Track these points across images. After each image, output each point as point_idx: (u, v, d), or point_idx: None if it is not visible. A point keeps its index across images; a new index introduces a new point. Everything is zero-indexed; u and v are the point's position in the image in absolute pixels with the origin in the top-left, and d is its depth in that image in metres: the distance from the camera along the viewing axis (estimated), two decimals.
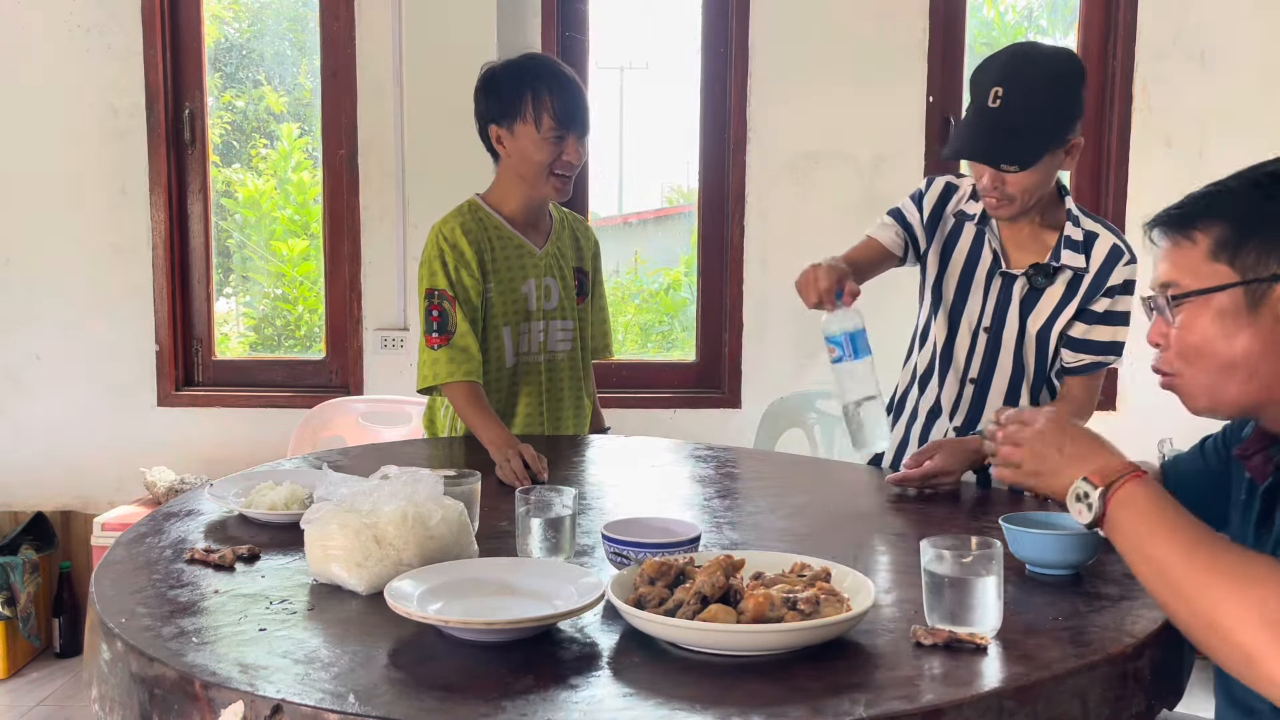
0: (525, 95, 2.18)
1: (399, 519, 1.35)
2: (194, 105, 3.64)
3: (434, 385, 2.20)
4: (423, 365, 2.20)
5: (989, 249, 2.09)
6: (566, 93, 2.19)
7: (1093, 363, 2.07)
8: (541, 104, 2.17)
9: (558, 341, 2.36)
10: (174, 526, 1.64)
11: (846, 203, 3.65)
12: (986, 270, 2.10)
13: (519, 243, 2.30)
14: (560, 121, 2.18)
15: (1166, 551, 1.13)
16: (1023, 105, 1.88)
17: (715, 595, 1.18)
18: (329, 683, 1.08)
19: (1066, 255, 2.02)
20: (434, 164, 3.54)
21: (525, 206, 2.30)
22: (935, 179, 2.19)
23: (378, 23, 3.52)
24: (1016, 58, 1.93)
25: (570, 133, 2.19)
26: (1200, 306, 1.26)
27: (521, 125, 2.19)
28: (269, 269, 3.99)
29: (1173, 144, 3.65)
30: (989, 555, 1.21)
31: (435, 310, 2.19)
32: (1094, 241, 2.03)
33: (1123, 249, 2.03)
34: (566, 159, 2.21)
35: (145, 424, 3.62)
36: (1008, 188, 1.95)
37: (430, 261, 2.22)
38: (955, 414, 2.15)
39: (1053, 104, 1.91)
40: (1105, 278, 2.02)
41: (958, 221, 2.14)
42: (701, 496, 1.97)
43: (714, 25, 3.72)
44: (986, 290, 2.10)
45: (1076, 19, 3.73)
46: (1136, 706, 1.17)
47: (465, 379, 2.16)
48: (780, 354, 3.70)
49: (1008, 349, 2.09)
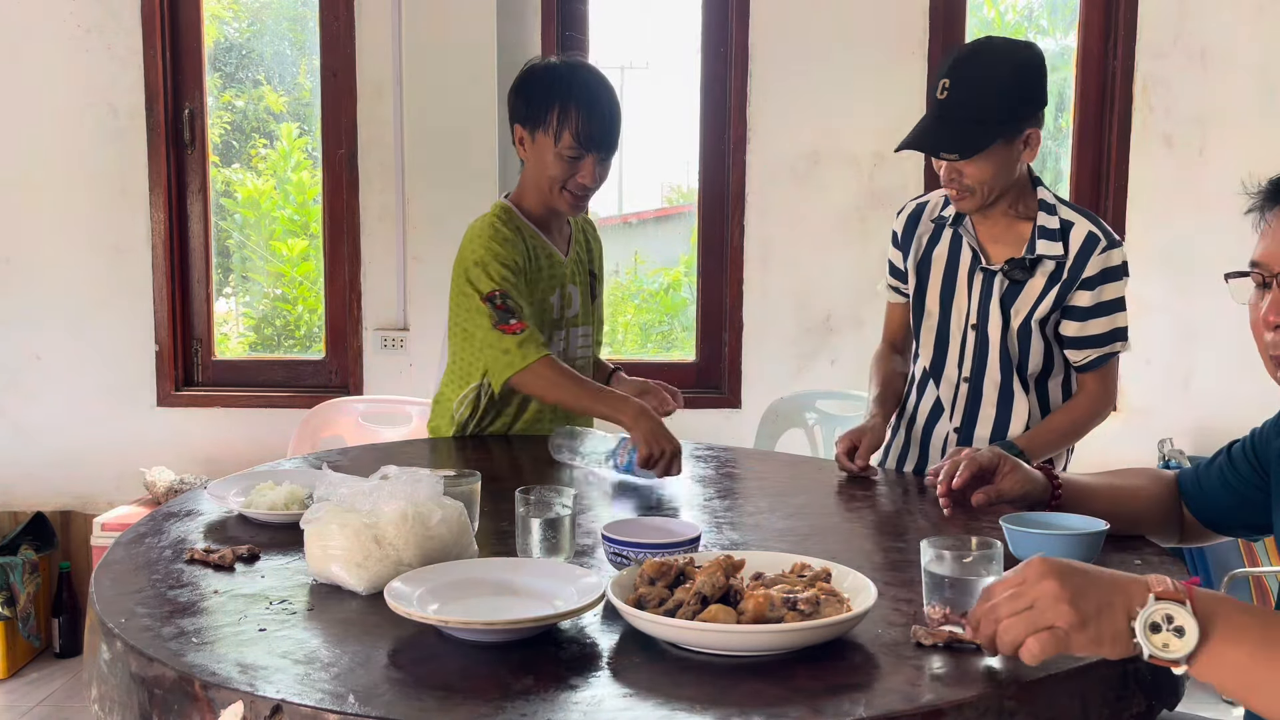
0: (553, 105, 2.09)
1: (399, 519, 1.35)
2: (194, 105, 3.64)
3: (525, 366, 2.07)
4: (505, 353, 2.08)
5: (967, 247, 2.11)
6: (594, 112, 2.09)
7: (1100, 355, 2.08)
8: (566, 119, 2.08)
9: (579, 349, 2.33)
10: (174, 526, 1.64)
11: (846, 202, 3.66)
12: (968, 269, 2.12)
13: (549, 251, 2.24)
14: (581, 141, 2.09)
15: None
16: (966, 96, 1.93)
17: (715, 595, 1.18)
18: (329, 683, 1.07)
19: (1042, 245, 2.03)
20: (434, 164, 3.54)
21: (547, 212, 2.24)
22: (903, 209, 2.26)
23: (378, 23, 3.52)
24: (968, 51, 1.99)
25: (590, 153, 2.11)
26: None
27: (543, 135, 2.11)
28: (269, 269, 3.99)
29: (1173, 144, 3.65)
30: (989, 555, 1.21)
31: (501, 303, 2.09)
32: (1070, 230, 2.04)
33: (1099, 236, 2.03)
34: (580, 180, 2.13)
35: (145, 424, 3.62)
36: (964, 179, 1.99)
37: (485, 265, 2.11)
38: (954, 414, 2.16)
39: (1000, 93, 1.93)
40: (1082, 267, 2.02)
41: (936, 227, 2.17)
42: (701, 496, 1.97)
43: (714, 25, 3.72)
44: (970, 288, 2.12)
45: (1076, 19, 3.73)
46: (1136, 706, 1.17)
47: (549, 351, 2.10)
48: (780, 354, 3.70)
49: (994, 345, 2.10)
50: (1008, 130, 1.95)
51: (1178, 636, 0.96)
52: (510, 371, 2.09)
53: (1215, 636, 0.96)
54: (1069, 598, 0.99)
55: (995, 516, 1.53)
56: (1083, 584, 1.00)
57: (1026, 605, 1.00)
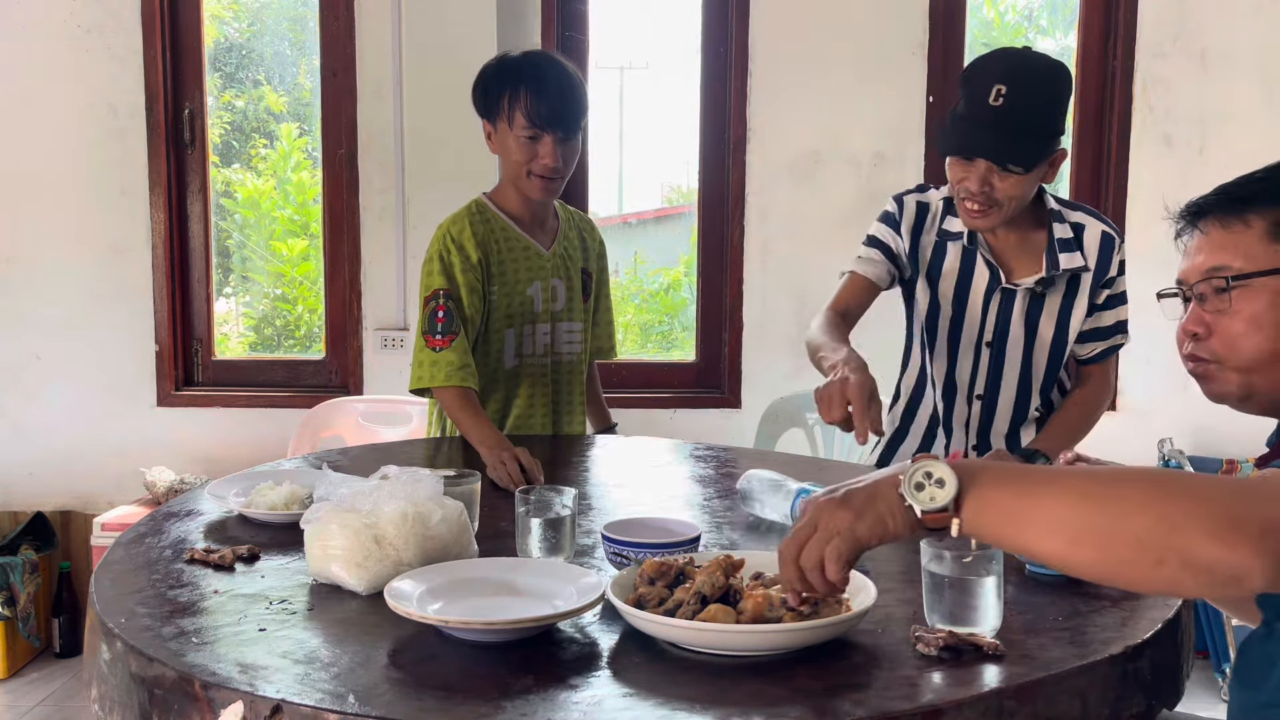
0: (505, 92, 2.14)
1: (399, 519, 1.35)
2: (194, 105, 3.64)
3: (428, 387, 2.17)
4: (420, 365, 2.17)
5: (983, 264, 2.05)
6: (543, 92, 2.12)
7: (1106, 349, 2.08)
8: (517, 100, 2.12)
9: (565, 344, 2.34)
10: (174, 526, 1.64)
11: (846, 203, 3.66)
12: (985, 286, 2.06)
13: (526, 244, 2.27)
14: (532, 121, 2.11)
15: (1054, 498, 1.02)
16: (1024, 107, 1.85)
17: (715, 595, 1.18)
18: (329, 683, 1.08)
19: (1064, 259, 2.01)
20: (434, 164, 3.54)
21: (527, 206, 2.27)
22: (904, 199, 2.12)
23: (378, 23, 3.52)
24: (1018, 59, 1.90)
25: (545, 133, 2.13)
26: (1257, 290, 1.23)
27: (501, 123, 2.16)
28: (269, 269, 3.99)
29: (1173, 144, 3.65)
30: (989, 555, 1.21)
31: (441, 311, 2.16)
32: (1083, 233, 2.03)
33: (1112, 234, 2.03)
34: (543, 161, 2.15)
35: (145, 424, 3.62)
36: (996, 193, 1.90)
37: (433, 260, 2.20)
38: (969, 431, 2.14)
39: (1051, 110, 1.90)
40: (1106, 268, 2.02)
41: (940, 241, 2.09)
42: (701, 496, 1.96)
43: (714, 25, 3.72)
44: (985, 306, 2.07)
45: (1076, 19, 3.73)
46: (1136, 706, 1.17)
47: (461, 384, 2.14)
48: (780, 354, 3.70)
49: (1013, 362, 2.07)
50: (1054, 147, 1.91)
51: (939, 487, 1.04)
52: (419, 385, 2.18)
53: (977, 484, 1.05)
54: (839, 502, 1.09)
55: None
56: (850, 489, 1.10)
57: (810, 531, 1.09)
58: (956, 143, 1.92)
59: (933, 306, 2.11)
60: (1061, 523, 1.01)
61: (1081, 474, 1.05)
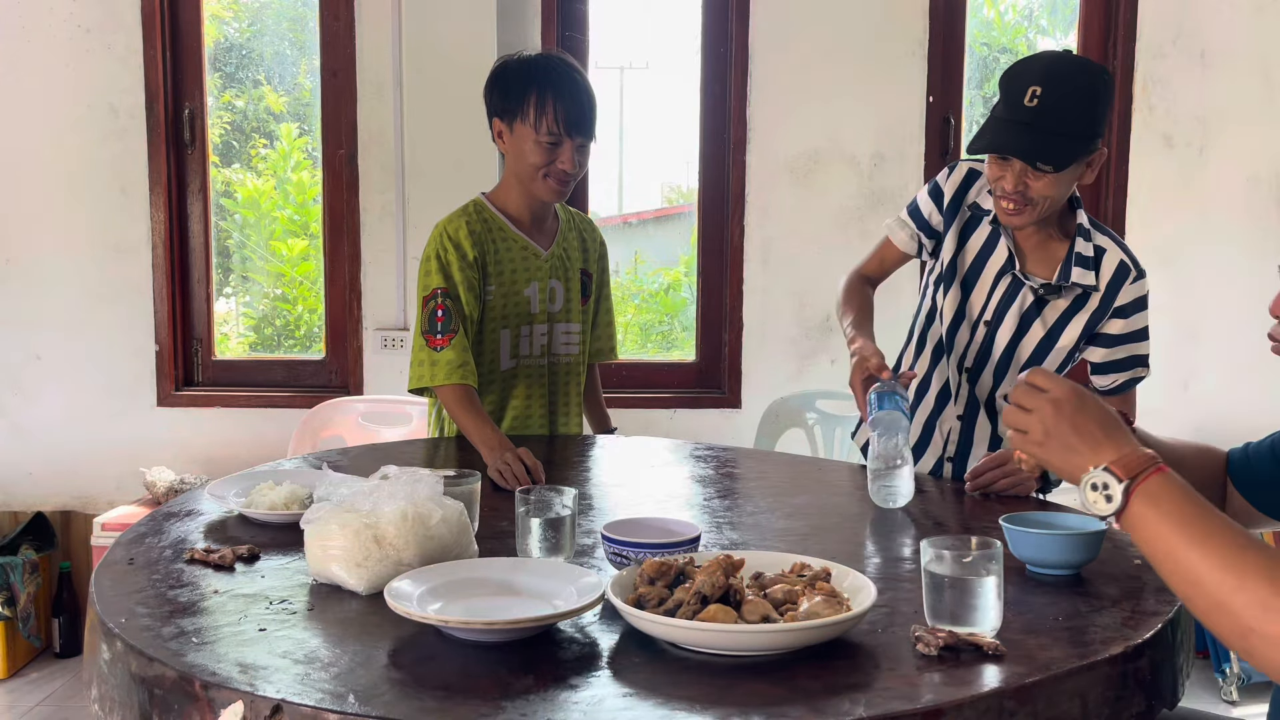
0: (530, 94, 2.14)
1: (399, 519, 1.35)
2: (194, 105, 3.64)
3: (428, 386, 2.17)
4: (418, 364, 2.17)
5: (1004, 247, 2.08)
6: (572, 97, 2.14)
7: (1126, 380, 2.10)
8: (544, 106, 2.13)
9: (562, 345, 2.34)
10: (174, 526, 1.64)
11: (846, 203, 3.66)
12: (999, 268, 2.09)
13: (524, 244, 2.28)
14: (557, 126, 2.14)
15: (1188, 548, 1.09)
16: (1059, 106, 1.87)
17: (715, 595, 1.18)
18: (329, 683, 1.08)
19: (1077, 273, 2.02)
20: (434, 164, 3.55)
21: (528, 206, 2.28)
22: (959, 164, 2.17)
23: (378, 23, 3.52)
24: (1055, 61, 1.93)
25: (568, 139, 2.15)
26: None
27: (521, 124, 2.16)
28: (269, 269, 3.99)
29: (1173, 144, 3.65)
30: (989, 555, 1.21)
31: (440, 310, 2.16)
32: (1102, 256, 2.04)
33: (1130, 266, 2.04)
34: (560, 166, 2.17)
35: (145, 424, 3.62)
36: (1030, 192, 1.93)
37: (431, 260, 2.20)
38: (957, 400, 2.16)
39: (1088, 111, 1.90)
40: (1113, 297, 2.03)
41: (974, 215, 2.13)
42: (701, 496, 1.97)
43: (714, 25, 3.72)
44: (993, 286, 2.10)
45: (1076, 19, 3.73)
46: (1136, 706, 1.17)
47: (462, 382, 2.14)
48: (780, 354, 3.70)
49: (1000, 345, 2.10)
50: (1089, 148, 1.92)
51: (1106, 501, 1.15)
52: (419, 384, 2.18)
53: (1142, 500, 1.13)
54: (1053, 423, 1.21)
55: (995, 517, 1.53)
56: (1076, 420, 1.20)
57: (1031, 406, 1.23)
58: (990, 141, 1.95)
59: (950, 268, 2.15)
60: (1188, 577, 1.10)
61: (1230, 542, 1.09)
